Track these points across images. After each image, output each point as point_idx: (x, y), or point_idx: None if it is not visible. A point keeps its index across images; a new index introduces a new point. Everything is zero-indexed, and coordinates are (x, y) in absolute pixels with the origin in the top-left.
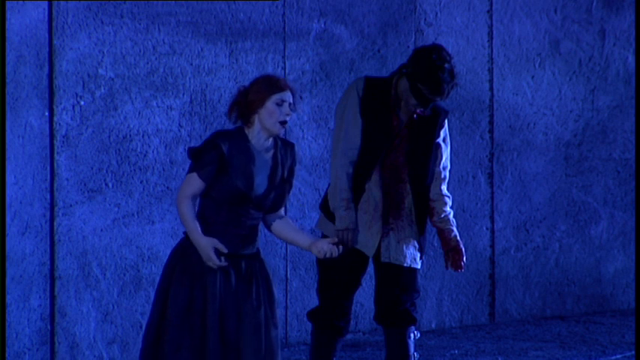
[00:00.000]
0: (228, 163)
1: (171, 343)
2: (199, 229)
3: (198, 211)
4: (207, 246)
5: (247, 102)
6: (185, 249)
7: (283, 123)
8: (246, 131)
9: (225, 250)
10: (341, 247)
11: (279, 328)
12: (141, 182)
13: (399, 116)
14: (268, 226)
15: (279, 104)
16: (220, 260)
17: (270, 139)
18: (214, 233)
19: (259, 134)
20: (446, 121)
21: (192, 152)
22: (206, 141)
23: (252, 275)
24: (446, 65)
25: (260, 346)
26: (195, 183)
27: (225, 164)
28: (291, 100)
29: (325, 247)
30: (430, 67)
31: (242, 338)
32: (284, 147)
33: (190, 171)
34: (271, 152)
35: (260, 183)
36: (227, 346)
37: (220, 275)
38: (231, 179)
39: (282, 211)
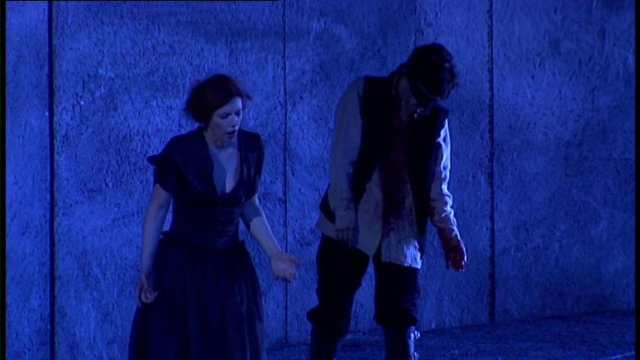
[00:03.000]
0: (185, 171)
1: (156, 343)
2: (151, 253)
3: (173, 212)
4: (144, 280)
5: (197, 110)
6: (164, 249)
7: (231, 133)
8: (205, 133)
9: (150, 298)
10: (296, 276)
11: (264, 323)
12: (141, 182)
13: (399, 116)
14: (247, 226)
15: (224, 117)
16: (146, 297)
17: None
18: (188, 231)
19: (214, 138)
20: (446, 120)
21: (152, 162)
22: (163, 150)
23: (233, 269)
24: (446, 65)
25: (244, 340)
26: (160, 194)
27: (182, 173)
28: (239, 107)
29: (281, 269)
30: (430, 67)
31: (227, 333)
32: (248, 140)
33: (154, 182)
34: (235, 149)
35: (225, 183)
36: (212, 341)
37: (198, 272)
38: (192, 186)
39: (257, 201)
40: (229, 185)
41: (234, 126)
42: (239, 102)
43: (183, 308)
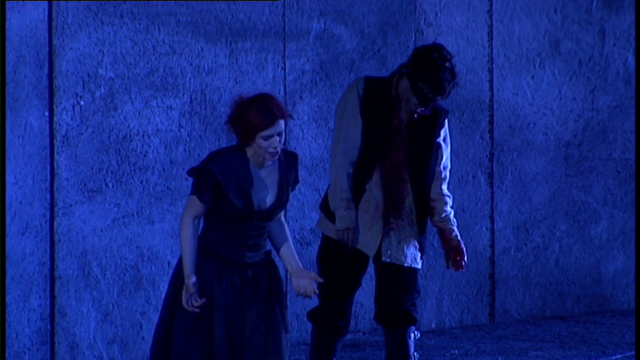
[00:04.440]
0: (225, 187)
1: (179, 352)
2: (192, 258)
3: (205, 221)
4: (189, 284)
5: (240, 129)
6: None
7: (272, 154)
8: (247, 149)
9: (198, 304)
10: (316, 292)
11: (289, 333)
12: (141, 182)
13: (399, 116)
14: (271, 241)
15: (266, 139)
16: (193, 304)
17: None
18: (219, 243)
19: (255, 156)
20: (446, 120)
21: (192, 174)
22: (202, 163)
23: (258, 281)
24: (447, 64)
25: (259, 351)
26: (197, 205)
27: (222, 188)
28: (282, 129)
29: (302, 286)
30: (431, 67)
31: (244, 343)
32: (287, 159)
33: (192, 192)
34: (276, 167)
35: (264, 199)
36: (234, 353)
37: (226, 284)
38: (230, 201)
39: (282, 217)
40: (268, 202)
41: (275, 147)
42: (282, 124)
43: (209, 320)
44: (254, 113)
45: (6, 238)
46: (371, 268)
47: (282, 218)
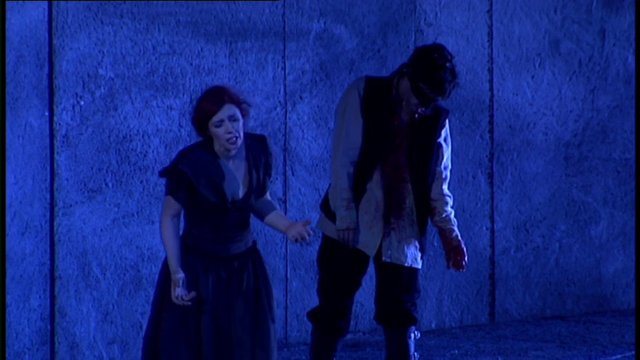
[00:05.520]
0: (197, 184)
1: (168, 350)
2: (176, 255)
3: (185, 219)
4: (176, 279)
5: (196, 123)
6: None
7: (231, 140)
8: (214, 143)
9: (188, 297)
10: (310, 233)
11: (276, 324)
12: (141, 182)
13: (400, 116)
14: (261, 218)
15: (218, 125)
16: (183, 298)
17: None
18: (201, 237)
19: (221, 148)
20: (447, 120)
21: (164, 175)
22: (173, 163)
23: (244, 272)
24: (447, 64)
25: (247, 341)
26: (173, 205)
27: (193, 185)
28: (232, 113)
29: (295, 234)
30: (432, 67)
31: (232, 335)
32: (255, 144)
33: (166, 193)
34: (243, 155)
35: (237, 190)
36: (221, 345)
37: (212, 278)
38: (203, 196)
39: (268, 196)
40: (240, 193)
41: (230, 132)
42: (232, 108)
43: (196, 315)
44: (203, 102)
45: (6, 238)
46: (371, 268)
47: (269, 197)
